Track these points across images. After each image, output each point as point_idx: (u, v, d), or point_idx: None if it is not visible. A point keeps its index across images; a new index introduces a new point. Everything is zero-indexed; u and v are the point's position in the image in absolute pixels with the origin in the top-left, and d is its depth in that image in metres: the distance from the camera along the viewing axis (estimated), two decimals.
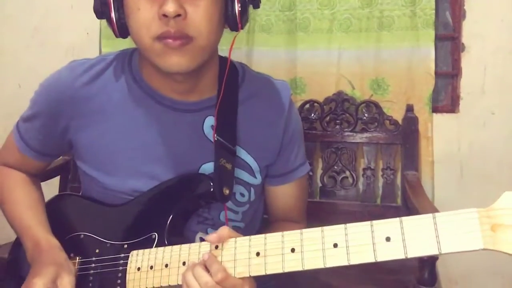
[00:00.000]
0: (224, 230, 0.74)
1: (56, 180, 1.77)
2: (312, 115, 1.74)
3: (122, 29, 0.81)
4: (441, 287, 1.65)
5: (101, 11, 0.81)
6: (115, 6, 0.79)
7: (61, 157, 1.44)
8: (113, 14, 0.80)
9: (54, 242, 0.89)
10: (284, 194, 1.01)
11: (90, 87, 0.89)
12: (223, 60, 0.93)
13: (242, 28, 0.83)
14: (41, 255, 0.85)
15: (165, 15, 0.74)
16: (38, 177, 1.05)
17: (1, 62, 2.19)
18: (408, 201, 1.48)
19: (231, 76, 0.92)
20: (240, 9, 0.80)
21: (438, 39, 1.68)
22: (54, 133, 0.93)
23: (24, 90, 2.15)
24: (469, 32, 1.66)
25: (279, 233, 0.70)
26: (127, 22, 0.80)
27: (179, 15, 0.74)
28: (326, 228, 0.67)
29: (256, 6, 0.84)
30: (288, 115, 0.96)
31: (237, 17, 0.81)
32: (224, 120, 0.89)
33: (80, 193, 1.01)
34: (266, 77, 1.00)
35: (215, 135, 0.88)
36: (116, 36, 0.83)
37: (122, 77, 0.91)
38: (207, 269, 0.71)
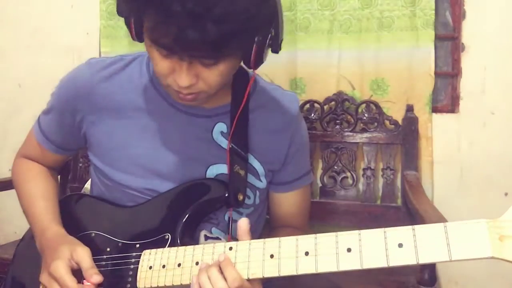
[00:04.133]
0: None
1: None
2: (312, 115, 1.74)
3: (139, 37, 0.80)
4: None
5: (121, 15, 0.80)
6: (135, 26, 0.76)
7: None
8: (133, 28, 0.77)
9: (60, 230, 0.91)
10: (288, 201, 1.03)
11: (108, 84, 0.92)
12: (238, 69, 0.94)
13: (255, 69, 0.82)
14: (49, 241, 0.87)
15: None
16: (56, 170, 1.08)
17: (1, 62, 2.20)
18: (408, 201, 1.48)
19: (244, 86, 0.94)
20: (255, 56, 0.77)
21: (438, 39, 1.67)
22: (71, 127, 0.95)
23: (24, 90, 2.16)
24: (469, 32, 1.66)
25: (294, 237, 0.71)
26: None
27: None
28: (340, 233, 0.69)
29: (275, 51, 0.82)
30: (295, 125, 0.98)
31: (252, 63, 0.78)
32: (237, 128, 0.91)
33: (82, 191, 1.02)
34: (276, 88, 1.02)
35: (230, 142, 0.90)
36: (133, 40, 0.81)
37: (139, 77, 0.93)
38: (221, 270, 0.72)
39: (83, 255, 0.81)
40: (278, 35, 0.79)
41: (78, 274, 0.81)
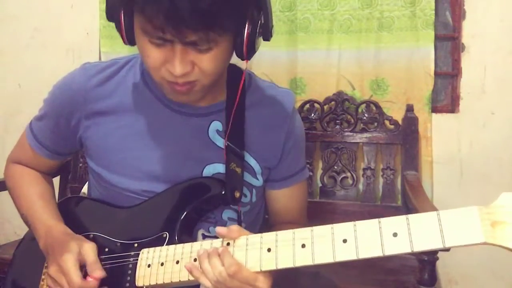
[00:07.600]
0: (234, 226, 0.77)
1: (56, 180, 1.77)
2: (312, 115, 1.74)
3: (130, 40, 0.80)
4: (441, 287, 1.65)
5: (111, 18, 0.80)
6: (125, 22, 0.77)
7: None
8: (123, 26, 0.78)
9: (66, 229, 0.92)
10: (285, 197, 1.03)
11: (102, 88, 0.92)
12: (231, 67, 0.95)
13: (248, 59, 0.82)
14: (56, 239, 0.88)
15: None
16: (50, 175, 1.08)
17: (1, 62, 2.20)
18: (408, 201, 1.48)
19: (239, 83, 0.93)
20: (247, 44, 0.78)
21: (438, 39, 1.68)
22: (66, 132, 0.95)
23: (24, 90, 2.16)
24: (469, 32, 1.67)
25: (290, 230, 0.72)
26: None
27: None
28: (335, 225, 0.69)
29: (266, 38, 0.82)
30: (291, 122, 0.98)
31: (244, 52, 0.79)
32: (233, 125, 0.92)
33: (83, 192, 1.02)
34: (271, 85, 1.02)
35: (226, 140, 0.90)
36: (125, 43, 0.81)
37: (133, 80, 0.93)
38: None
39: (88, 250, 0.84)
40: (267, 22, 0.80)
41: (84, 270, 0.83)
